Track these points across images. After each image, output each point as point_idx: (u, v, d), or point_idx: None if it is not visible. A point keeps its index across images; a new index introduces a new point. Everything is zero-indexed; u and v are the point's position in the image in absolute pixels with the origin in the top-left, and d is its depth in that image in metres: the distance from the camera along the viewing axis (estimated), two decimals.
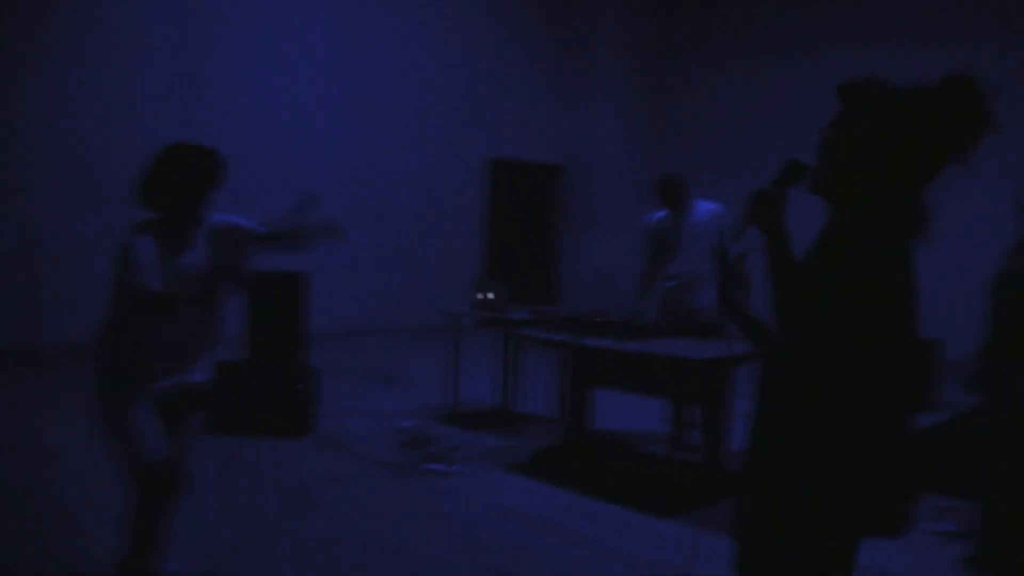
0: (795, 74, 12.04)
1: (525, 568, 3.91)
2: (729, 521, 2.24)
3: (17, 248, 8.99)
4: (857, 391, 1.90)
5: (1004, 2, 10.34)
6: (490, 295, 6.34)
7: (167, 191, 3.20)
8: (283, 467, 5.36)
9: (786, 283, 1.99)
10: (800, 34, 11.97)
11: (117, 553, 3.36)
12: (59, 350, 8.57)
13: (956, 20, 10.56)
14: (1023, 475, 3.51)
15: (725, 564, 2.30)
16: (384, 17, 11.71)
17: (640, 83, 13.65)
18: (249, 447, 5.52)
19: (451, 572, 3.85)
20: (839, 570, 2.07)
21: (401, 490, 4.98)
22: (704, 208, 5.84)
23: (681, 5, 13.77)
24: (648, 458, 5.83)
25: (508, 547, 4.14)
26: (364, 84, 11.48)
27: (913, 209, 1.95)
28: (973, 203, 10.34)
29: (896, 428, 1.96)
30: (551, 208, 13.95)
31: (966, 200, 10.41)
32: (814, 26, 11.88)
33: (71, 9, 9.24)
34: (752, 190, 2.03)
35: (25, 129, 9.02)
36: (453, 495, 4.92)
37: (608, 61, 13.47)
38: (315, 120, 11.08)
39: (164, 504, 3.23)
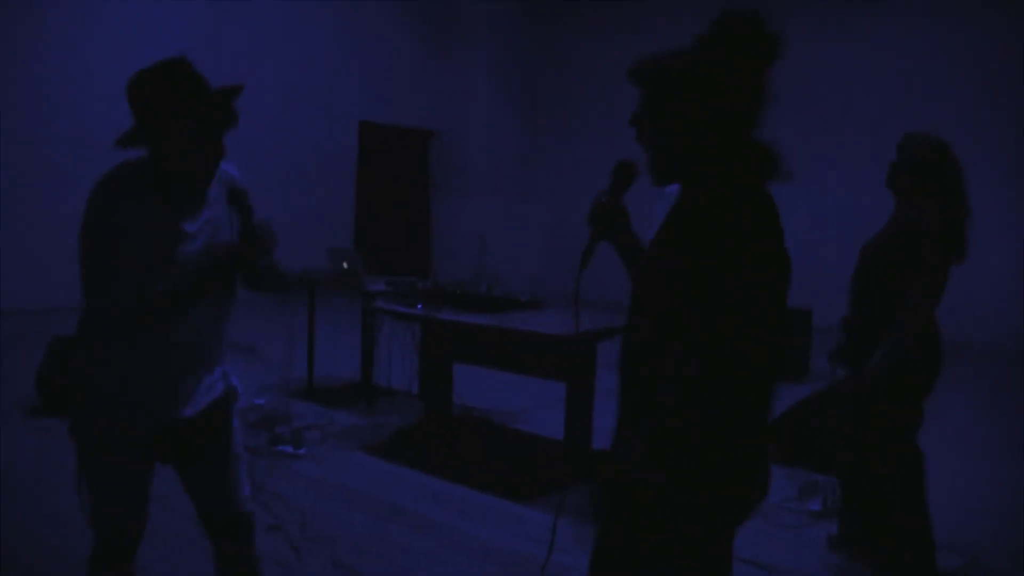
0: (670, 38, 11.94)
1: (367, 562, 3.61)
2: (591, 508, 2.06)
3: None
4: (726, 372, 1.74)
5: None
6: (346, 264, 5.95)
7: (165, 114, 2.12)
8: None
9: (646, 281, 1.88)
10: None
11: None
12: None
13: None
14: (878, 450, 3.45)
15: (582, 553, 2.09)
16: None
17: (512, 47, 13.41)
18: None
19: (283, 568, 3.53)
20: (719, 563, 1.93)
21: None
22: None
23: None
24: (510, 437, 5.60)
25: (351, 538, 3.84)
26: (231, 43, 10.81)
27: (758, 155, 1.81)
28: (848, 177, 10.53)
29: (762, 409, 1.84)
30: (424, 174, 13.58)
31: (842, 173, 10.61)
32: None
33: None
34: (591, 206, 1.96)
35: None
36: (299, 480, 4.58)
37: (479, 24, 13.16)
38: None
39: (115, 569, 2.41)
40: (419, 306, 4.97)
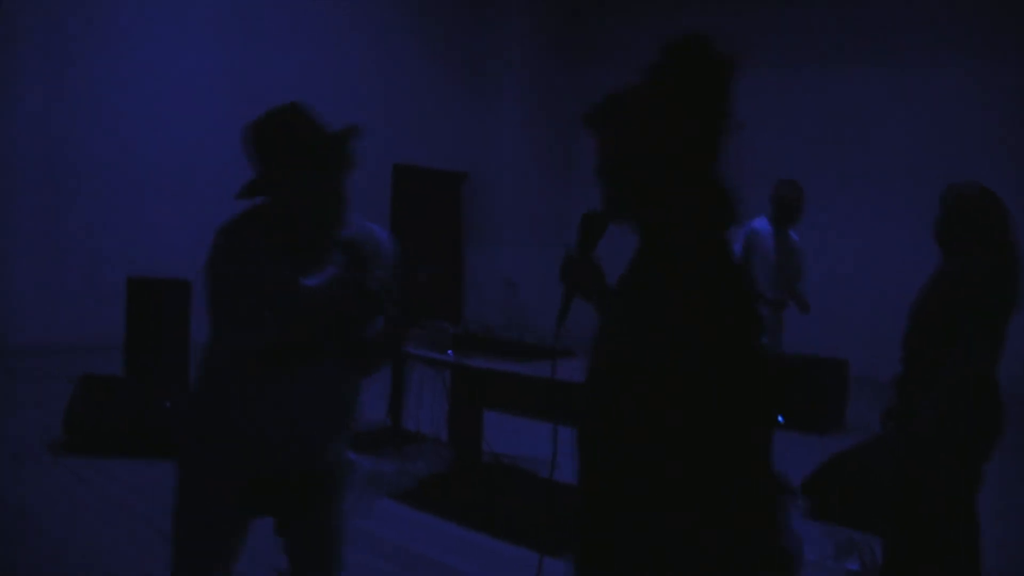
0: None
1: None
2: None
3: None
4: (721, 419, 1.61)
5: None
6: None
7: (283, 160, 2.13)
8: (141, 492, 4.89)
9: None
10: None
11: None
12: None
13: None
14: (926, 509, 3.33)
15: None
16: (286, 19, 11.24)
17: (545, 89, 13.47)
18: (114, 469, 5.08)
19: None
20: None
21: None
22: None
23: (586, 10, 13.64)
24: (540, 486, 5.51)
25: None
26: (264, 87, 10.94)
27: (716, 197, 1.72)
28: (885, 224, 10.40)
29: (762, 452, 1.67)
30: (456, 216, 13.62)
31: (878, 221, 10.49)
32: (722, 34, 11.79)
33: None
34: (563, 261, 1.91)
35: None
36: None
37: (513, 67, 13.26)
38: (209, 122, 10.51)
39: None
40: (450, 352, 4.93)
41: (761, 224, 5.47)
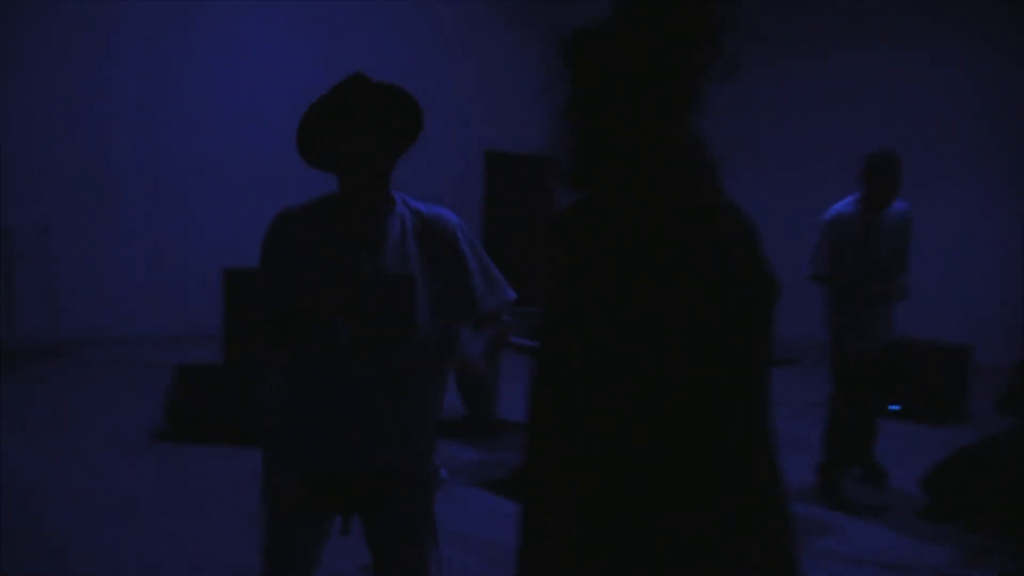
0: (792, 71, 11.50)
1: None
2: None
3: None
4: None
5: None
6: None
7: (326, 124, 2.15)
8: (238, 479, 4.88)
9: None
10: (792, 31, 11.36)
11: None
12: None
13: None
14: None
15: None
16: (378, 11, 11.27)
17: None
18: (212, 456, 5.11)
19: None
20: None
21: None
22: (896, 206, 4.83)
23: None
24: None
25: None
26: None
27: (694, 158, 1.53)
28: (1012, 198, 9.76)
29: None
30: (548, 202, 13.43)
31: (1003, 196, 9.84)
32: (805, 24, 11.29)
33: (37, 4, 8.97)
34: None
35: None
36: None
37: None
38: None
39: None
40: None
41: (845, 207, 4.81)
